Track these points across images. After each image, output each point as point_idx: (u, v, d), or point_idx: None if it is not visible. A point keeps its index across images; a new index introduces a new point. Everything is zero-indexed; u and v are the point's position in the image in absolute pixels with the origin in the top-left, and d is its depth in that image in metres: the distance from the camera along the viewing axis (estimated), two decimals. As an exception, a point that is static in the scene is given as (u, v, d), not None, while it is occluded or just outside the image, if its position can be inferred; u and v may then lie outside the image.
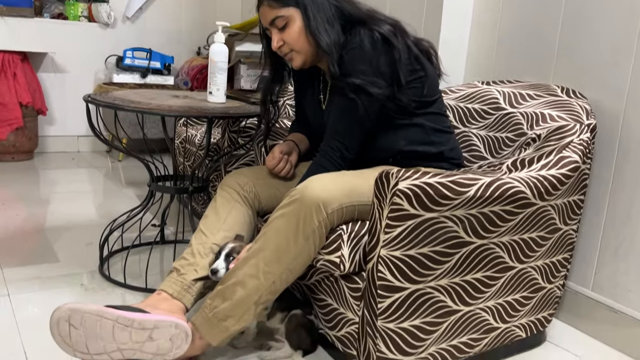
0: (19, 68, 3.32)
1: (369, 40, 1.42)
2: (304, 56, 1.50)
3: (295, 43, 1.48)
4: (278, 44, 1.49)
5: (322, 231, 1.32)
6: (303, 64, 1.52)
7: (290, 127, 1.87)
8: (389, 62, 1.43)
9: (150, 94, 1.94)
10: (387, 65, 1.43)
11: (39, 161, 3.53)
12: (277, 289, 1.35)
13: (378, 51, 1.42)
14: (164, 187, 1.93)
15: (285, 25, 1.47)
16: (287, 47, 1.50)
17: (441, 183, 1.24)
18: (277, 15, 1.46)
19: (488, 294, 1.42)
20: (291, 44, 1.48)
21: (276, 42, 1.49)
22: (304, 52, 1.49)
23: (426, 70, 1.51)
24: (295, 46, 1.48)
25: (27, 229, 2.31)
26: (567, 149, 1.46)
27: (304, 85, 1.69)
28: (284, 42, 1.49)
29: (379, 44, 1.42)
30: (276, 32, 1.49)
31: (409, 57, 1.46)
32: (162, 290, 1.45)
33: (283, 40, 1.49)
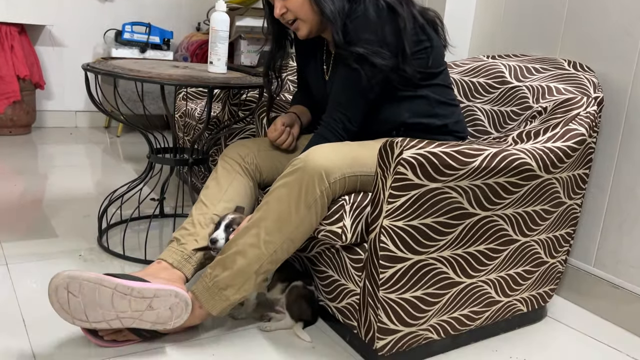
0: (16, 40, 3.28)
1: (374, 9, 1.39)
2: (309, 25, 1.47)
3: (299, 10, 1.44)
4: (281, 11, 1.46)
5: (324, 200, 1.30)
6: (309, 33, 1.49)
7: (292, 98, 1.84)
8: (394, 32, 1.40)
9: (150, 64, 1.91)
10: (392, 34, 1.40)
11: (37, 135, 3.50)
12: (278, 259, 1.33)
13: (383, 20, 1.39)
14: (163, 159, 1.90)
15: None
16: (291, 15, 1.46)
17: (446, 153, 1.22)
18: None
19: (491, 266, 1.40)
20: (295, 11, 1.45)
21: (279, 9, 1.46)
22: (309, 21, 1.46)
23: (432, 40, 1.48)
24: (299, 14, 1.45)
25: (25, 202, 2.29)
26: (573, 122, 1.44)
27: (307, 55, 1.66)
28: (287, 10, 1.46)
29: (384, 13, 1.39)
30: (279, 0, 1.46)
31: (414, 27, 1.43)
32: (162, 259, 1.43)
33: (286, 7, 1.45)
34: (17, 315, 1.44)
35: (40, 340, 1.33)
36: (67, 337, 1.35)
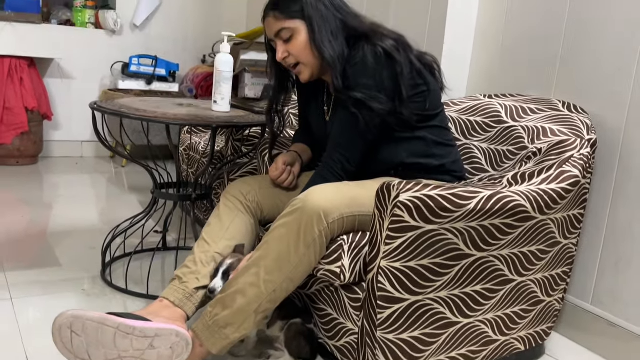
0: (25, 73, 3.35)
1: (372, 55, 1.44)
2: (310, 69, 1.52)
3: (301, 55, 1.50)
4: (283, 55, 1.51)
5: (323, 240, 1.33)
6: (311, 76, 1.54)
7: (293, 136, 1.89)
8: (391, 77, 1.45)
9: (155, 102, 1.96)
10: (389, 79, 1.44)
11: (43, 165, 3.56)
12: (277, 298, 1.36)
13: (381, 66, 1.44)
14: (167, 194, 1.94)
15: (290, 37, 1.49)
16: (293, 59, 1.52)
17: (442, 196, 1.25)
18: (282, 27, 1.48)
19: (487, 306, 1.42)
20: (296, 55, 1.50)
21: (281, 53, 1.51)
22: (310, 65, 1.51)
23: (428, 84, 1.52)
24: (300, 58, 1.50)
25: (30, 232, 2.33)
26: (567, 164, 1.47)
27: (308, 96, 1.71)
28: (289, 54, 1.51)
29: (382, 59, 1.44)
30: (281, 44, 1.51)
31: (411, 72, 1.48)
32: (164, 297, 1.46)
33: (288, 51, 1.51)
34: (20, 349, 1.46)
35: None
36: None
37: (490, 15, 2.10)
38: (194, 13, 4.09)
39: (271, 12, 1.50)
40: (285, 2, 1.49)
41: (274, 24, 1.50)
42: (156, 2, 3.91)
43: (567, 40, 1.82)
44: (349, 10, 1.54)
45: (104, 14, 3.74)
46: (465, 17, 2.14)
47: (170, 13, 4.00)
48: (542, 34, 1.90)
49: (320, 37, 1.47)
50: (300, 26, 1.48)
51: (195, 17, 4.10)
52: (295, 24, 1.48)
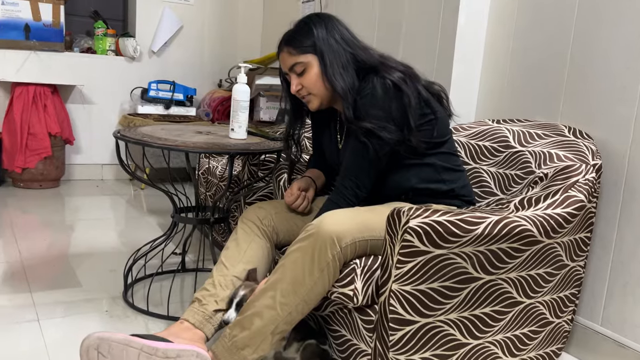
0: (49, 100, 3.48)
1: (381, 88, 1.51)
2: (320, 99, 1.60)
3: (313, 87, 1.57)
4: (297, 88, 1.59)
5: (336, 264, 1.39)
6: (319, 106, 1.62)
7: (308, 162, 1.96)
8: (399, 108, 1.51)
9: (176, 131, 2.04)
10: (397, 110, 1.51)
11: (65, 188, 3.66)
12: (293, 320, 1.41)
13: (389, 98, 1.51)
14: (186, 218, 2.02)
15: (303, 71, 1.57)
16: (305, 91, 1.60)
17: (450, 221, 1.30)
18: (296, 61, 1.57)
19: (497, 327, 1.47)
20: (309, 87, 1.58)
21: (295, 86, 1.59)
22: (320, 96, 1.59)
23: (436, 113, 1.59)
24: (312, 90, 1.58)
25: (53, 254, 2.42)
26: (572, 189, 1.52)
27: (322, 124, 1.78)
28: (302, 86, 1.59)
29: (390, 91, 1.51)
30: (295, 77, 1.59)
31: (418, 102, 1.54)
32: (184, 319, 1.52)
33: (301, 84, 1.59)
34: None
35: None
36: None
37: (497, 44, 2.17)
38: (210, 39, 4.21)
39: (285, 48, 1.59)
40: (298, 38, 1.57)
41: (287, 59, 1.58)
42: (174, 29, 4.03)
43: (572, 68, 1.88)
44: (358, 44, 1.61)
45: (123, 42, 3.87)
46: (473, 46, 2.20)
47: (187, 39, 4.12)
48: (548, 62, 1.96)
49: (331, 71, 1.55)
50: (313, 60, 1.56)
51: (212, 43, 4.22)
52: (308, 58, 1.56)
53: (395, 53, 1.67)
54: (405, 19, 2.52)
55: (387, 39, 2.54)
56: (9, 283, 2.08)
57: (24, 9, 3.54)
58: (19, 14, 3.53)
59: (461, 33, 2.17)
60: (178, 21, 4.05)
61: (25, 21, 3.55)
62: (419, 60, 1.62)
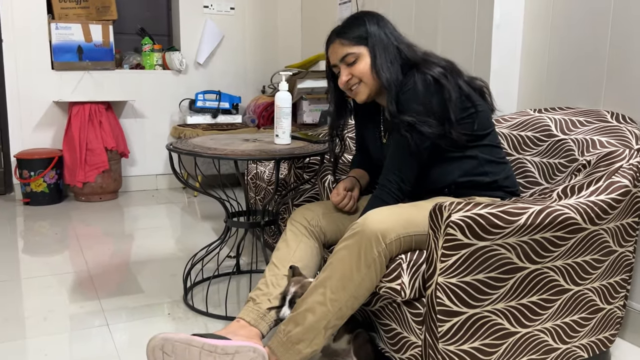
0: (104, 116, 3.66)
1: (422, 83, 1.55)
2: (369, 89, 1.65)
3: (363, 76, 1.63)
4: (347, 78, 1.64)
5: (382, 260, 1.44)
6: (367, 97, 1.67)
7: (351, 162, 2.01)
8: (439, 102, 1.55)
9: (224, 140, 2.14)
10: (438, 105, 1.55)
11: (123, 200, 3.85)
12: (343, 315, 1.47)
13: (430, 93, 1.55)
14: (238, 223, 2.11)
15: (354, 61, 1.63)
16: (355, 80, 1.65)
17: (492, 213, 1.33)
18: (348, 52, 1.63)
19: (545, 316, 1.48)
20: (359, 75, 1.63)
21: (345, 76, 1.64)
22: (369, 86, 1.65)
23: (477, 106, 1.61)
24: (363, 77, 1.64)
25: (116, 262, 2.56)
26: (616, 174, 1.52)
27: (365, 121, 1.84)
28: (352, 76, 1.65)
29: (431, 87, 1.55)
30: (345, 68, 1.65)
31: (460, 96, 1.57)
32: (240, 318, 1.61)
33: (352, 74, 1.64)
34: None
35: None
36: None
37: (535, 33, 2.16)
38: (251, 47, 4.33)
39: (337, 39, 1.65)
40: (351, 30, 1.64)
41: (339, 49, 1.64)
42: (216, 40, 4.17)
43: (612, 52, 1.86)
44: (404, 41, 1.67)
45: (170, 56, 4.03)
46: (511, 38, 2.21)
47: (229, 49, 4.25)
48: (587, 47, 1.95)
49: (380, 62, 1.61)
50: (364, 52, 1.62)
51: (253, 51, 4.34)
52: (360, 49, 1.62)
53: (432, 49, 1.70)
54: (442, 15, 2.54)
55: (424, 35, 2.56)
56: (79, 291, 2.23)
57: (76, 31, 3.74)
58: (72, 37, 3.74)
59: (497, 25, 2.18)
60: (220, 32, 4.18)
61: (78, 43, 3.75)
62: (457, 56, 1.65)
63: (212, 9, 4.16)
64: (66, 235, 3.00)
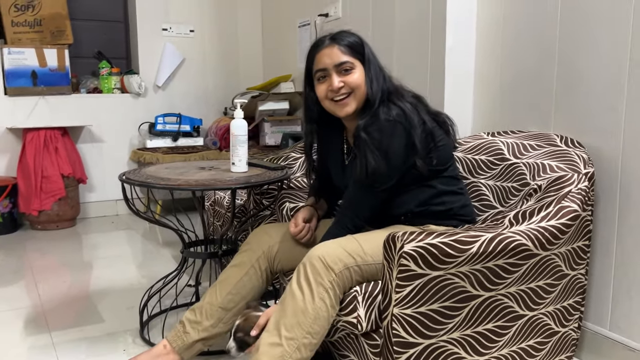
0: (60, 142, 3.58)
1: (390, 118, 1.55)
2: (357, 103, 1.63)
3: (355, 87, 1.61)
4: (339, 85, 1.61)
5: (336, 291, 1.42)
6: (354, 110, 1.64)
7: (309, 188, 2.00)
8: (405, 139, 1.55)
9: (179, 169, 2.11)
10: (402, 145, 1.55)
11: (81, 227, 3.75)
12: (302, 357, 1.42)
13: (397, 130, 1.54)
14: (195, 253, 2.07)
15: (349, 70, 1.61)
16: (347, 89, 1.62)
17: (444, 242, 1.34)
18: (346, 60, 1.61)
19: (501, 342, 1.49)
20: (353, 86, 1.61)
21: (337, 82, 1.61)
22: (358, 99, 1.63)
23: (437, 142, 1.62)
24: (355, 89, 1.62)
25: (72, 294, 2.48)
26: (566, 199, 1.54)
27: (329, 142, 1.82)
28: (344, 84, 1.62)
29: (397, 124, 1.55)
30: (337, 75, 1.61)
31: (423, 131, 1.58)
32: (168, 342, 1.72)
33: (344, 82, 1.62)
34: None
35: None
36: None
37: (487, 58, 2.20)
38: (212, 69, 4.30)
39: (334, 43, 1.62)
40: (348, 40, 1.63)
41: (336, 54, 1.61)
42: (176, 63, 4.13)
43: (560, 77, 1.90)
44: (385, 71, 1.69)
45: (128, 79, 3.97)
46: (463, 62, 2.24)
47: (190, 71, 4.22)
48: (537, 73, 1.99)
49: (371, 78, 1.61)
50: (359, 65, 1.62)
51: (214, 73, 4.31)
52: (356, 62, 1.62)
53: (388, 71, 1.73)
54: (397, 42, 2.57)
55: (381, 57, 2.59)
56: (30, 326, 2.15)
57: (30, 56, 3.65)
58: (25, 62, 3.65)
59: (450, 52, 2.21)
60: (179, 55, 4.15)
61: (32, 68, 3.67)
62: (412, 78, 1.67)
63: (171, 32, 4.12)
64: (21, 266, 2.90)
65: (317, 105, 1.71)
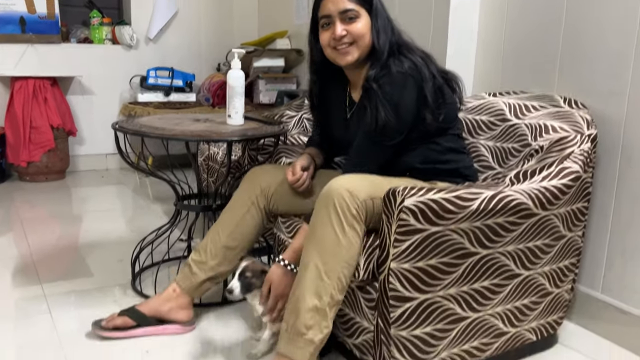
0: (49, 93, 3.50)
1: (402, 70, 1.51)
2: (359, 53, 1.58)
3: (358, 37, 1.56)
4: (342, 33, 1.56)
5: (361, 218, 1.38)
6: (356, 60, 1.59)
7: (307, 140, 1.96)
8: (415, 92, 1.51)
9: (174, 119, 2.06)
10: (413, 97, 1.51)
11: (71, 180, 3.70)
12: (343, 286, 1.38)
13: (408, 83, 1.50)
14: (189, 206, 2.04)
15: (353, 18, 1.56)
16: (350, 38, 1.57)
17: (445, 199, 1.32)
18: (351, 7, 1.55)
19: (496, 300, 1.49)
20: (354, 36, 1.56)
21: (340, 30, 1.56)
22: (361, 49, 1.58)
23: (446, 99, 1.58)
24: (357, 39, 1.57)
25: (62, 246, 2.46)
26: (567, 160, 1.53)
27: (332, 93, 1.77)
28: (347, 33, 1.57)
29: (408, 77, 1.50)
30: (341, 23, 1.56)
31: (433, 86, 1.54)
32: (177, 284, 1.75)
33: (347, 30, 1.57)
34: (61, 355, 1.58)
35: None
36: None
37: (491, 18, 2.15)
38: (206, 23, 4.20)
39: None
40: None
41: (344, 1, 1.55)
42: (169, 15, 4.02)
43: (566, 38, 1.87)
44: (395, 24, 1.64)
45: (120, 30, 3.87)
46: (467, 22, 2.19)
47: (183, 25, 4.11)
48: (542, 33, 1.95)
49: (378, 28, 1.56)
50: (364, 14, 1.56)
51: (208, 27, 4.21)
52: (362, 11, 1.56)
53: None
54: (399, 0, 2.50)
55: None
56: (20, 276, 2.13)
57: (18, 2, 3.54)
58: (14, 7, 3.54)
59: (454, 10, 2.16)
60: (173, 6, 4.03)
61: (21, 14, 3.55)
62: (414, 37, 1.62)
63: (165, -18, 4.00)
64: (8, 217, 2.86)
65: (322, 56, 1.67)
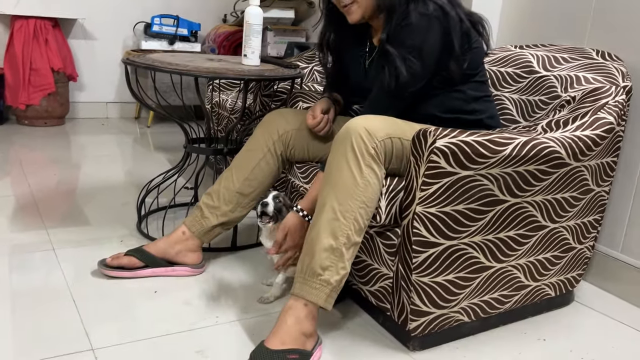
0: (50, 34, 3.37)
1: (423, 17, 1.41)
2: (363, 10, 1.50)
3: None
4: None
5: (380, 158, 1.33)
6: (361, 18, 1.52)
7: (324, 87, 1.89)
8: (439, 37, 1.42)
9: (186, 57, 1.97)
10: (436, 40, 1.42)
11: (70, 126, 3.61)
12: (361, 228, 1.32)
13: (430, 27, 1.41)
14: (199, 149, 1.97)
15: None
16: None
17: (478, 142, 1.26)
18: None
19: (520, 251, 1.45)
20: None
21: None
22: (365, 7, 1.49)
23: (472, 44, 1.50)
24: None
25: (63, 189, 2.39)
26: (602, 111, 1.47)
27: (351, 40, 1.68)
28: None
29: (433, 20, 1.41)
30: None
31: (460, 29, 1.46)
32: (187, 227, 1.69)
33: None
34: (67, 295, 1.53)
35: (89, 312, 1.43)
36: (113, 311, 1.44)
37: (521, -36, 2.07)
38: (214, -29, 4.06)
39: None
40: None
41: None
42: (176, -39, 3.88)
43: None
44: None
45: (124, -26, 3.72)
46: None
47: (190, -29, 3.97)
48: (576, -18, 1.87)
49: None
50: None
51: (216, -25, 4.07)
52: None
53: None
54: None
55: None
56: (22, 215, 2.07)
57: (20, -63, 3.38)
58: (15, -56, 3.38)
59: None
60: (180, -48, 3.89)
61: (22, -49, 3.40)
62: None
63: None
64: (7, 159, 2.78)
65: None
